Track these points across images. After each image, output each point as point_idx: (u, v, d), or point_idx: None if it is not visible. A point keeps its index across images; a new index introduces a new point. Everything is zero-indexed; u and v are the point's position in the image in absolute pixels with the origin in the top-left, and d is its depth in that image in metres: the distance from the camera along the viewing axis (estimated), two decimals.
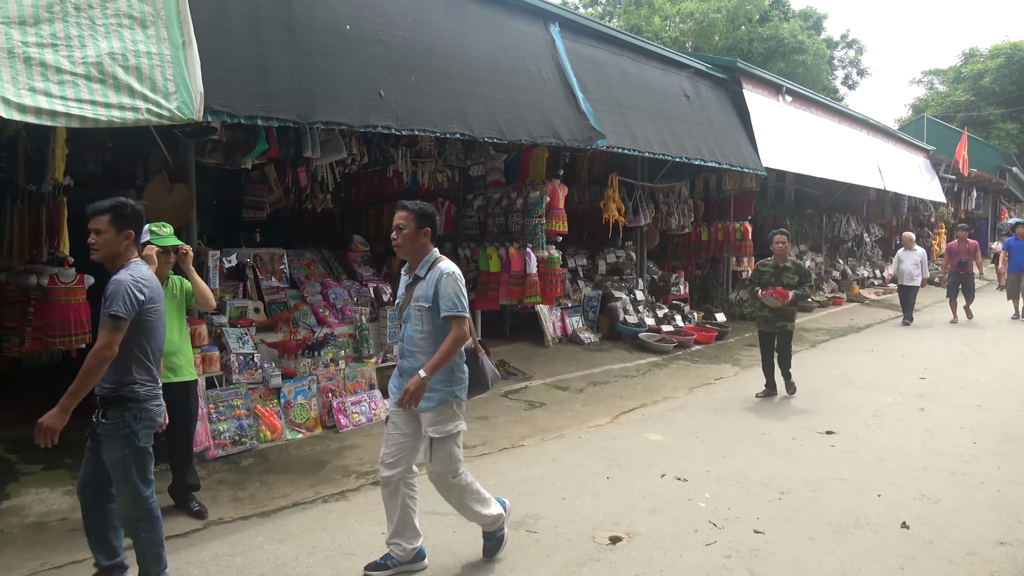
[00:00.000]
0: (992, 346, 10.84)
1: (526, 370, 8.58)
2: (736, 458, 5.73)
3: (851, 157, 15.73)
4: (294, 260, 7.75)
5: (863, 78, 42.03)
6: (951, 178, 23.79)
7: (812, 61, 30.59)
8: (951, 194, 24.30)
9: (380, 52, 6.31)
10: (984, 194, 29.33)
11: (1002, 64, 38.50)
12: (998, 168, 30.63)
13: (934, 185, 21.61)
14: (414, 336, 3.78)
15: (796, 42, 30.25)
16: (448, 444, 3.75)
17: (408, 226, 3.74)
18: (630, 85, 9.71)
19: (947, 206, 23.82)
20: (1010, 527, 4.42)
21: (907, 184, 19.02)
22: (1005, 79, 38.23)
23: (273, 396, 6.18)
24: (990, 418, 6.88)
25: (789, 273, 7.55)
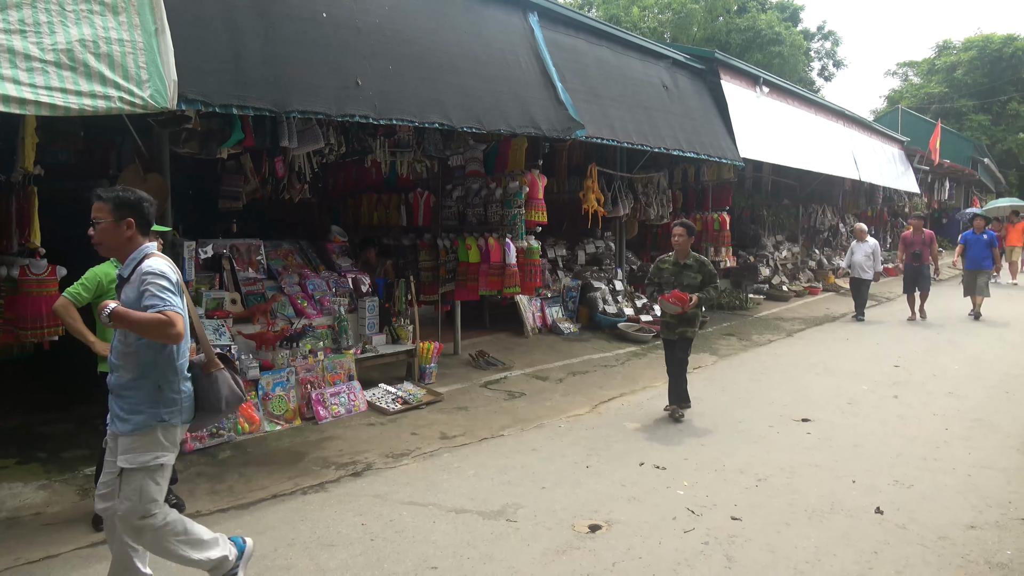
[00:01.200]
0: (964, 335, 11.02)
1: (506, 360, 8.59)
2: (714, 446, 5.79)
3: (827, 148, 15.89)
4: (271, 251, 7.68)
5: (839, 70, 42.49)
6: (925, 169, 24.11)
7: (789, 52, 30.83)
8: (925, 185, 24.64)
9: (357, 40, 6.26)
10: (957, 185, 29.79)
11: (974, 56, 39.05)
12: (970, 159, 31.12)
13: (908, 176, 21.91)
14: (119, 348, 3.19)
15: (773, 33, 30.45)
16: (139, 478, 3.11)
17: (104, 219, 3.15)
18: (609, 75, 9.72)
19: (921, 196, 24.16)
20: (980, 511, 4.51)
21: (882, 175, 19.26)
22: (977, 71, 38.80)
23: (251, 388, 6.12)
24: (961, 404, 7.01)
25: (691, 272, 6.57)
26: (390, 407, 6.69)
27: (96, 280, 4.26)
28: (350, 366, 6.89)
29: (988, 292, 12.57)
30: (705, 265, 6.58)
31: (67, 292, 4.21)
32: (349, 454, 5.57)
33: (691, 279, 6.54)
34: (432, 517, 4.42)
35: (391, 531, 4.23)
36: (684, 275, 6.56)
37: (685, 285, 6.50)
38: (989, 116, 38.41)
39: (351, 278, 7.85)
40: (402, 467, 5.34)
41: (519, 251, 8.22)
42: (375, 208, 10.35)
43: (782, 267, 16.66)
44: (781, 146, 13.66)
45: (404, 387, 7.18)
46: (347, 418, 6.46)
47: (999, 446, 5.80)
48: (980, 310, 12.48)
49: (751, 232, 16.71)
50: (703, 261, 6.61)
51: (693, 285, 6.51)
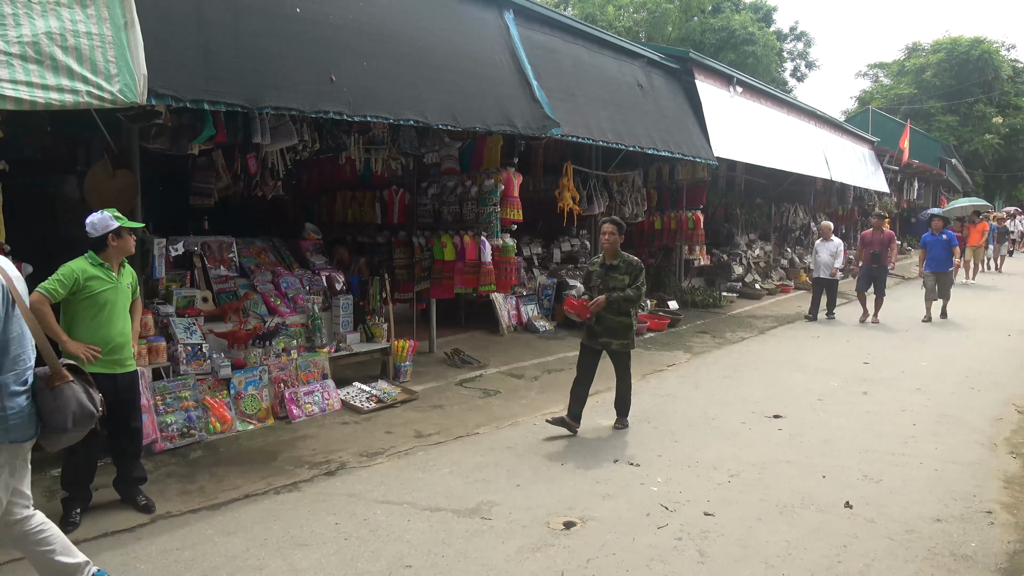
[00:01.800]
0: (931, 330, 11.22)
1: (481, 358, 8.58)
2: (687, 442, 5.84)
3: (799, 148, 16.07)
4: (244, 248, 7.59)
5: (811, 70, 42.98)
6: (894, 169, 24.51)
7: (762, 53, 31.15)
8: (894, 184, 25.05)
9: (331, 36, 6.20)
10: (925, 184, 30.32)
11: (943, 59, 39.71)
12: (938, 159, 31.68)
13: (878, 176, 22.26)
14: None
15: (747, 34, 30.74)
16: None
17: None
18: (584, 74, 9.74)
19: (891, 196, 24.55)
20: (946, 504, 4.61)
21: (853, 174, 19.54)
22: (945, 73, 39.45)
23: (223, 387, 6.06)
24: (928, 400, 7.14)
25: (618, 274, 5.99)
26: (364, 406, 6.65)
27: (73, 276, 4.18)
28: (324, 365, 6.84)
29: (950, 295, 12.40)
30: (633, 265, 5.99)
31: (42, 287, 4.12)
32: (323, 453, 5.53)
33: (618, 282, 5.95)
34: (407, 515, 4.41)
35: (365, 530, 4.21)
36: (611, 277, 6.01)
37: (611, 288, 5.93)
38: (957, 117, 39.09)
39: (325, 276, 7.79)
40: (376, 466, 5.31)
41: (494, 249, 8.21)
42: (349, 205, 10.27)
43: (755, 265, 16.85)
44: (754, 145, 13.80)
45: (379, 386, 7.15)
46: (321, 417, 6.42)
47: (965, 441, 5.92)
48: (945, 312, 12.30)
49: (725, 231, 16.87)
50: (631, 261, 6.02)
51: (620, 288, 5.92)
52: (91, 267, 4.27)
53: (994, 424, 6.40)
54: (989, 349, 9.88)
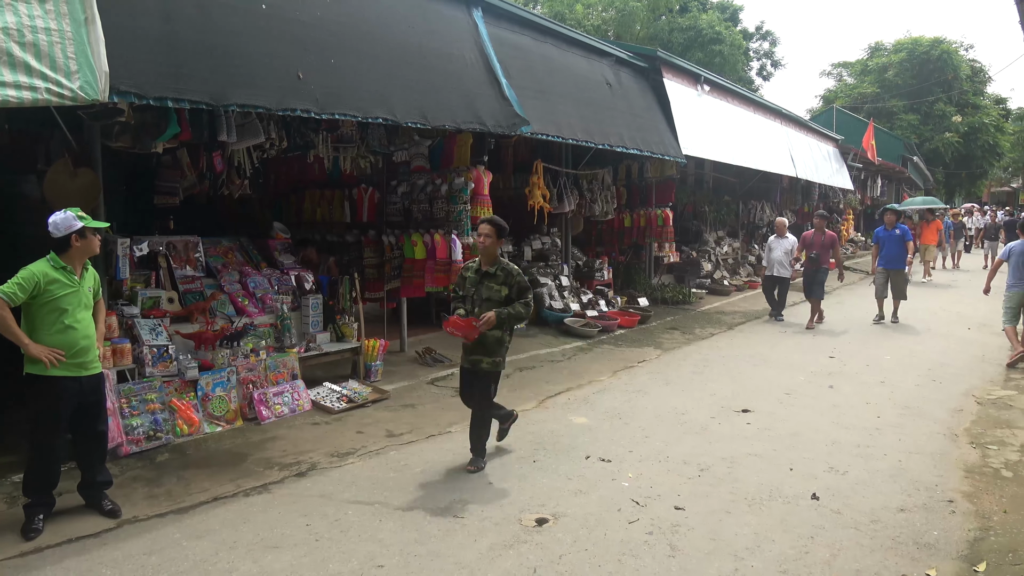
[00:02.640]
0: (895, 326, 11.45)
1: (452, 357, 8.55)
2: (657, 438, 5.89)
3: (766, 146, 16.30)
4: (210, 248, 7.49)
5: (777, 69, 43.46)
6: (858, 166, 24.97)
7: (729, 52, 31.48)
8: (858, 182, 25.52)
9: (298, 32, 6.14)
10: (888, 182, 30.94)
11: (904, 58, 40.50)
12: (901, 157, 32.34)
13: (843, 173, 22.65)
14: None
15: (714, 33, 31.04)
16: None
17: None
18: (553, 72, 9.76)
19: (855, 193, 25.01)
20: (910, 495, 4.71)
21: (818, 172, 19.86)
22: (907, 72, 40.24)
23: (190, 389, 5.98)
24: (892, 393, 7.29)
25: (494, 283, 5.18)
26: (335, 406, 6.60)
27: (33, 280, 4.09)
28: (293, 365, 6.77)
29: (905, 294, 11.68)
30: (513, 275, 5.20)
31: (0, 291, 4.02)
32: (293, 454, 5.48)
33: (493, 293, 5.17)
34: (378, 515, 4.39)
35: (336, 531, 4.19)
36: (485, 287, 5.20)
37: (485, 299, 5.17)
38: (918, 116, 39.89)
39: (294, 275, 7.72)
40: (348, 466, 5.28)
41: (465, 247, 8.20)
42: (318, 204, 10.18)
43: (723, 262, 17.04)
44: (722, 143, 13.95)
45: (349, 385, 7.10)
46: (291, 418, 6.36)
47: (928, 432, 6.05)
48: (896, 314, 11.62)
49: (693, 228, 17.03)
50: (510, 270, 5.22)
51: (495, 300, 5.15)
52: (52, 270, 4.18)
53: (955, 415, 6.56)
54: (950, 342, 10.11)
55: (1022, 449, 5.60)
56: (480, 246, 5.28)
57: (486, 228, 5.22)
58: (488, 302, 5.16)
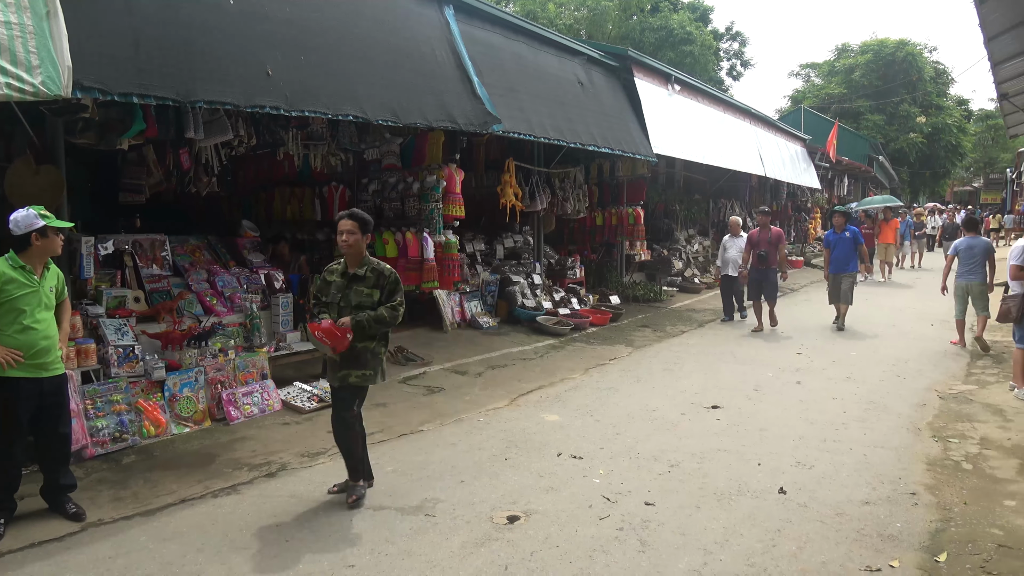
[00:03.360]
0: (859, 322, 11.65)
1: (425, 356, 8.54)
2: (628, 434, 5.94)
3: (735, 145, 16.49)
4: (177, 246, 7.39)
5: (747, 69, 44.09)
6: (825, 166, 25.37)
7: (700, 52, 31.76)
8: (825, 181, 25.92)
9: (267, 29, 6.08)
10: (855, 181, 31.47)
11: (870, 60, 41.23)
12: (867, 157, 32.93)
13: (810, 172, 22.99)
14: None
15: (685, 33, 31.29)
16: None
17: None
18: (525, 70, 9.78)
19: (822, 192, 25.40)
20: (874, 488, 4.80)
21: (786, 171, 20.14)
22: (873, 74, 40.97)
23: (156, 389, 5.89)
24: (858, 389, 7.42)
25: (364, 286, 4.54)
26: (306, 405, 6.55)
27: None
28: (263, 364, 6.71)
29: (851, 299, 11.06)
30: (385, 276, 4.56)
31: None
32: (263, 455, 5.43)
33: (364, 298, 4.52)
34: (349, 515, 4.37)
35: (307, 531, 4.16)
36: (354, 291, 4.55)
37: (355, 306, 4.51)
38: (884, 116, 40.64)
39: (263, 274, 7.64)
40: (319, 466, 5.25)
41: (437, 246, 8.19)
42: (288, 202, 10.10)
43: (694, 260, 17.21)
44: (692, 142, 14.09)
45: (320, 385, 7.04)
46: (260, 418, 6.29)
47: (892, 426, 6.17)
48: (843, 321, 11.02)
49: (664, 226, 17.17)
50: (382, 271, 4.57)
51: (365, 306, 4.50)
52: (10, 270, 4.10)
53: (918, 410, 6.70)
54: (913, 339, 10.32)
55: (982, 442, 5.74)
56: (343, 246, 4.54)
57: (347, 224, 4.51)
58: (359, 309, 4.49)
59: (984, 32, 5.99)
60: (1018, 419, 6.33)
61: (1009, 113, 10.24)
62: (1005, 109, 9.97)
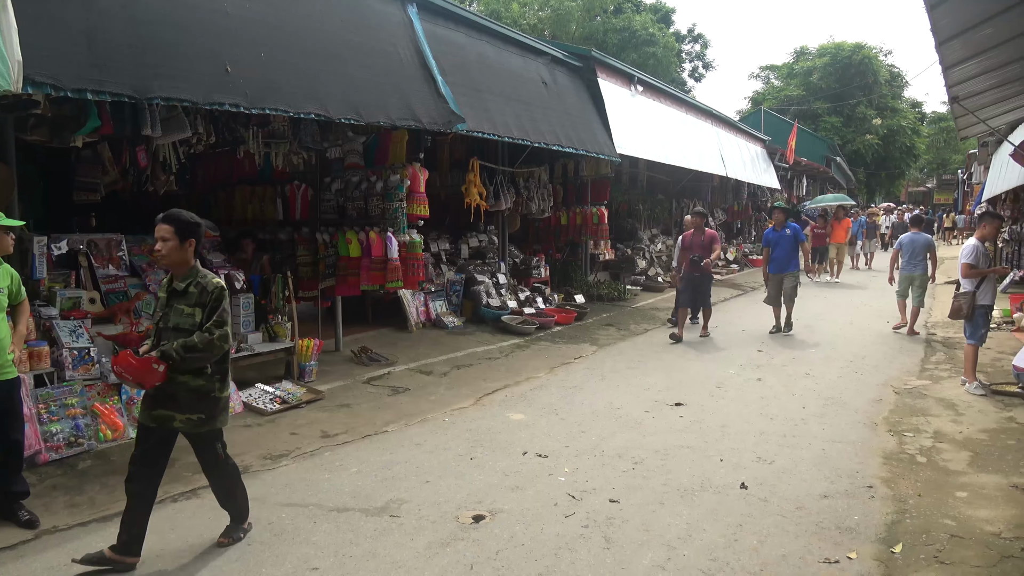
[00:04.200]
0: (818, 320, 11.90)
1: (389, 356, 8.49)
2: (593, 432, 5.98)
3: (697, 145, 16.69)
4: (134, 246, 7.22)
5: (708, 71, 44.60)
6: (784, 166, 25.83)
7: (662, 53, 32.09)
8: (784, 181, 26.40)
9: (226, 25, 5.98)
10: (813, 181, 32.10)
11: (828, 62, 42.06)
12: (825, 158, 33.60)
13: (770, 173, 23.39)
14: None
15: (647, 34, 31.59)
16: None
17: None
18: (489, 70, 9.77)
19: (781, 192, 25.85)
20: (832, 482, 4.90)
21: (746, 171, 20.45)
22: (830, 76, 41.80)
23: (114, 392, 5.75)
24: (816, 385, 7.57)
25: (185, 304, 3.75)
26: (268, 407, 6.47)
27: None
28: None
29: (794, 301, 10.63)
30: (208, 292, 3.74)
31: None
32: None
33: (184, 319, 3.73)
34: (313, 517, 4.32)
35: (269, 534, 4.10)
36: (174, 310, 3.78)
37: (173, 328, 3.74)
38: (841, 118, 41.53)
39: (224, 275, 7.50)
40: (281, 468, 5.18)
41: (401, 245, 8.14)
42: (249, 201, 9.94)
43: (657, 259, 17.38)
44: (655, 143, 14.23)
45: (283, 386, 6.96)
46: None
47: (849, 421, 6.31)
48: (790, 322, 10.61)
49: (628, 226, 17.33)
50: (206, 285, 3.75)
51: (184, 328, 3.71)
52: None
53: (874, 405, 6.86)
54: (870, 335, 10.57)
55: (935, 436, 5.90)
56: (156, 256, 3.79)
57: (161, 228, 3.70)
58: (177, 332, 3.70)
59: (935, 37, 6.14)
60: (969, 413, 6.53)
61: (960, 116, 10.52)
62: (956, 112, 10.23)
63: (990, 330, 7.89)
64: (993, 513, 4.38)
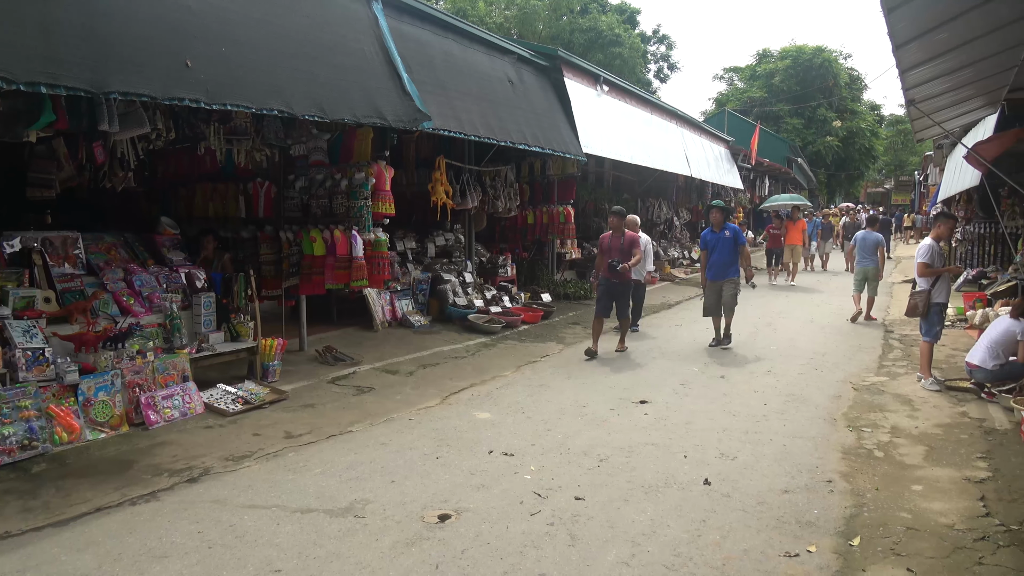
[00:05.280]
0: (780, 317, 12.10)
1: (355, 355, 8.42)
2: (559, 430, 5.99)
3: (662, 146, 16.85)
4: (91, 244, 7.05)
5: (673, 72, 45.14)
6: (747, 167, 26.22)
7: (628, 54, 32.38)
8: (747, 181, 26.79)
9: (186, 19, 5.87)
10: (775, 181, 32.62)
11: (789, 65, 42.84)
12: (786, 159, 34.18)
13: (733, 173, 23.71)
14: None
15: (613, 35, 31.84)
16: None
17: None
18: (455, 68, 9.75)
19: (744, 192, 26.23)
20: (793, 476, 4.99)
21: (711, 172, 20.71)
22: (792, 79, 42.58)
23: (69, 394, 5.61)
24: (777, 382, 7.70)
25: None
26: (230, 408, 6.37)
27: None
28: (184, 366, 6.47)
29: (733, 310, 9.64)
30: None
31: None
32: (184, 459, 5.25)
33: None
34: (276, 519, 4.27)
35: (231, 536, 4.04)
36: None
37: None
38: (802, 120, 42.32)
39: (184, 273, 7.38)
40: (243, 470, 5.10)
41: (366, 243, 8.07)
42: (210, 198, 9.78)
43: None
44: (621, 143, 14.34)
45: (245, 386, 6.86)
46: (182, 422, 6.08)
47: (809, 417, 6.42)
48: (728, 334, 9.60)
49: (594, 225, 17.41)
50: None
51: None
52: None
53: (834, 401, 6.99)
54: (830, 333, 10.78)
55: (892, 431, 6.03)
56: None
57: None
58: None
59: (892, 40, 6.28)
60: (925, 408, 6.69)
61: (916, 118, 10.78)
62: (912, 114, 10.49)
63: (945, 327, 8.08)
64: (947, 505, 4.49)
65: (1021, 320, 6.98)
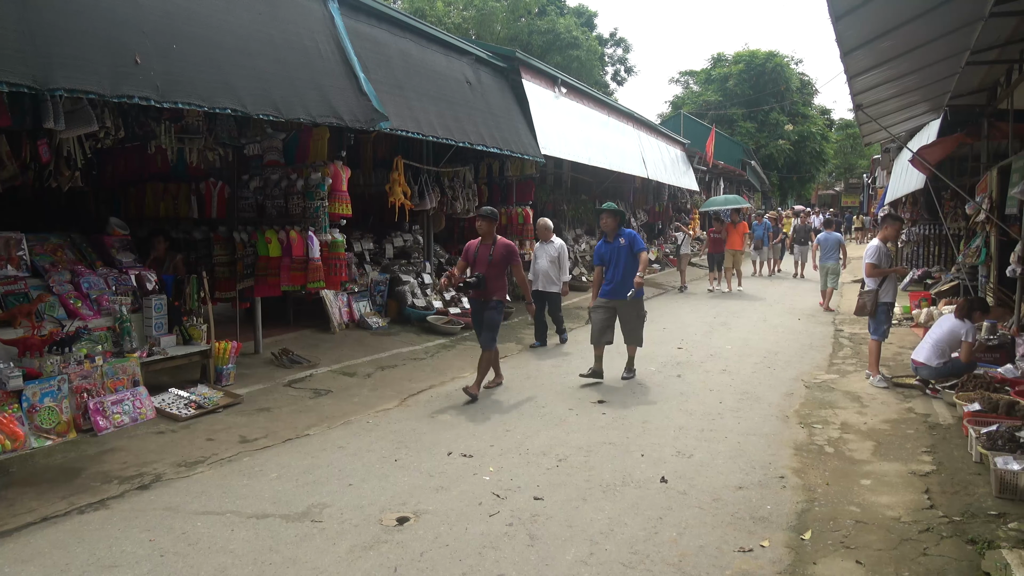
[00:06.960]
0: (734, 317, 12.31)
1: (311, 358, 8.32)
2: (518, 431, 6.01)
3: (620, 148, 17.02)
4: (36, 245, 6.83)
5: (630, 75, 45.56)
6: (703, 169, 26.63)
7: (586, 57, 32.61)
8: (703, 183, 27.22)
9: (135, 14, 5.73)
10: (730, 184, 33.20)
11: (743, 69, 43.65)
12: (740, 161, 34.82)
13: (689, 175, 24.06)
14: None
15: (571, 37, 32.03)
16: None
17: None
18: (412, 68, 9.70)
19: (700, 194, 26.63)
20: (747, 473, 5.08)
21: (667, 174, 20.97)
22: (745, 83, 43.40)
23: (13, 400, 5.42)
24: (732, 380, 7.83)
25: None
26: (182, 413, 6.23)
27: None
28: (134, 371, 6.32)
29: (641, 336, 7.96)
30: None
31: None
32: (135, 466, 5.12)
33: None
34: (230, 525, 4.19)
35: (184, 544, 3.95)
36: None
37: None
38: (755, 123, 43.16)
39: (134, 275, 7.19)
40: (196, 475, 5.00)
41: (323, 244, 7.97)
42: (161, 198, 9.55)
43: (581, 259, 17.60)
44: (579, 144, 14.43)
45: (198, 391, 6.72)
46: (132, 427, 5.93)
47: (763, 415, 6.55)
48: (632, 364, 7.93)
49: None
50: None
51: None
52: None
53: (786, 398, 7.14)
54: (783, 332, 11.01)
55: (842, 427, 6.19)
56: None
57: None
58: None
59: (840, 47, 6.44)
60: (873, 405, 6.88)
61: (864, 123, 11.08)
62: (860, 119, 10.77)
63: (892, 326, 8.32)
64: (894, 499, 4.63)
65: (966, 321, 7.21)
